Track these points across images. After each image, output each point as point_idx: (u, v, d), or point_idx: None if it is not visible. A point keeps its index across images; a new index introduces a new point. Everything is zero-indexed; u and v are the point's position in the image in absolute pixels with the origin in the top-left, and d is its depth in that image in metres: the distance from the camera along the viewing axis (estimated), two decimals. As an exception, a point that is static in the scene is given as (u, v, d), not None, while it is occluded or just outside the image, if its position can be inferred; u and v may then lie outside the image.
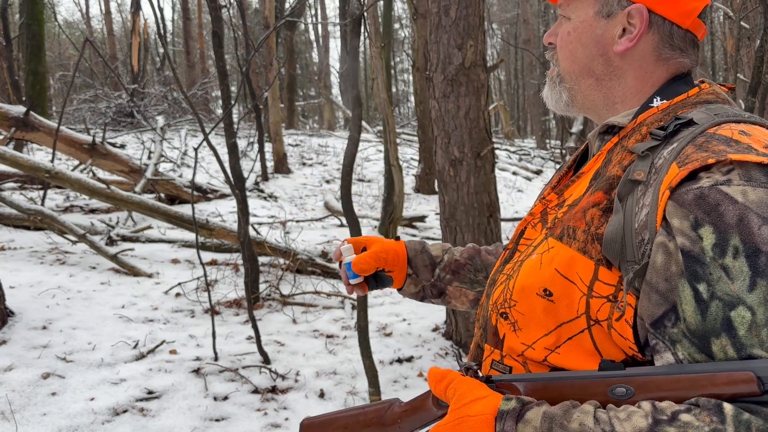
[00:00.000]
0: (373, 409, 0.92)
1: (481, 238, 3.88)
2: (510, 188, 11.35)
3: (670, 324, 0.68)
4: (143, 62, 16.28)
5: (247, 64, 3.91)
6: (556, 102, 0.95)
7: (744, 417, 0.61)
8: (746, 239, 0.65)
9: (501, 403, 0.72)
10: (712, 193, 0.67)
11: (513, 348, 0.87)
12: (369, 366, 3.00)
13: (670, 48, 0.86)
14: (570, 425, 0.66)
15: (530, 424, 0.68)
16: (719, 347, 0.65)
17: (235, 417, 3.02)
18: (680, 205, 0.69)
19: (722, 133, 0.73)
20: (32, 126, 6.53)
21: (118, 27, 27.72)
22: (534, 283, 0.83)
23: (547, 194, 0.95)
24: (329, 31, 25.06)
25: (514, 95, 28.81)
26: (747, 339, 0.64)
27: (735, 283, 0.65)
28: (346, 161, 2.99)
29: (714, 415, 0.61)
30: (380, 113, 7.31)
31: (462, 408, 0.75)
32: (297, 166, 11.63)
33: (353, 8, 3.07)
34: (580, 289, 0.78)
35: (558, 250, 0.81)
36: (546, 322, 0.82)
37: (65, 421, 2.84)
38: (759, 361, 0.63)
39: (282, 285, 4.95)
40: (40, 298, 4.19)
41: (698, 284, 0.66)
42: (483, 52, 3.87)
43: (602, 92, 0.91)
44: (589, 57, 0.89)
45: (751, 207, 0.66)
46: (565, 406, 0.69)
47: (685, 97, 0.85)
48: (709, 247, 0.66)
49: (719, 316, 0.65)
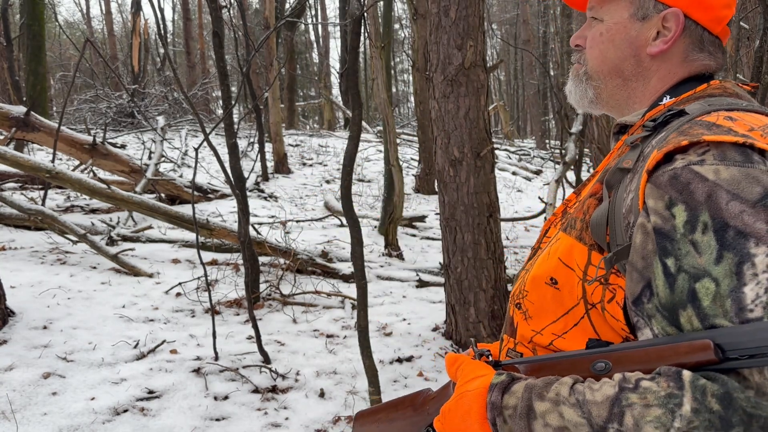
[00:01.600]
0: (409, 397, 1.03)
1: (480, 238, 3.89)
2: (510, 188, 11.36)
3: (647, 300, 0.71)
4: (144, 62, 16.29)
5: (247, 64, 3.92)
6: (581, 98, 0.99)
7: (700, 382, 0.63)
8: (714, 214, 0.67)
9: (493, 378, 0.79)
10: (684, 173, 0.70)
11: (524, 335, 0.92)
12: (369, 366, 3.01)
13: (698, 51, 0.89)
14: (548, 395, 0.71)
15: (514, 395, 0.75)
16: (686, 319, 0.67)
17: (235, 416, 3.03)
18: (657, 186, 0.71)
19: (707, 119, 0.76)
20: (33, 126, 6.53)
21: (119, 27, 27.73)
22: (543, 273, 0.88)
23: (570, 195, 1.01)
24: (329, 31, 25.06)
25: (513, 95, 28.81)
26: (711, 309, 0.66)
27: (702, 256, 0.67)
28: (346, 161, 3.00)
29: (672, 381, 0.64)
30: (380, 113, 7.31)
31: (464, 385, 0.82)
32: (297, 166, 11.64)
33: (353, 8, 3.08)
34: (577, 275, 0.82)
35: (562, 241, 0.86)
36: (554, 309, 0.87)
37: (66, 420, 2.84)
38: (719, 329, 0.64)
39: (282, 285, 4.96)
40: (41, 298, 4.20)
41: (667, 259, 0.69)
42: (483, 53, 3.88)
43: (627, 92, 0.94)
44: (620, 58, 0.92)
45: (721, 184, 0.67)
46: (548, 380, 0.74)
47: (692, 93, 0.87)
48: (681, 224, 0.69)
49: (685, 288, 0.67)
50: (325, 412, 3.12)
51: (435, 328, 4.33)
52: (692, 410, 0.62)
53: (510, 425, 0.73)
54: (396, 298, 5.06)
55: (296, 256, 5.25)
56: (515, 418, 0.73)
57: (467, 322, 3.96)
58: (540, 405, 0.71)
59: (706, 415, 0.61)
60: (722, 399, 0.61)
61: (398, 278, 5.59)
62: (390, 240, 6.43)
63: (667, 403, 0.63)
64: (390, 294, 5.14)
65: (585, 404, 0.68)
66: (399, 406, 1.03)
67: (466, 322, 3.96)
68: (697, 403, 0.62)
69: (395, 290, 5.26)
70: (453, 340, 4.07)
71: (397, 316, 4.59)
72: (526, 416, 0.72)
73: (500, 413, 0.75)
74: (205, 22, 22.46)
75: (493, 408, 0.75)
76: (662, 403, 0.63)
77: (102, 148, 6.95)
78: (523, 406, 0.73)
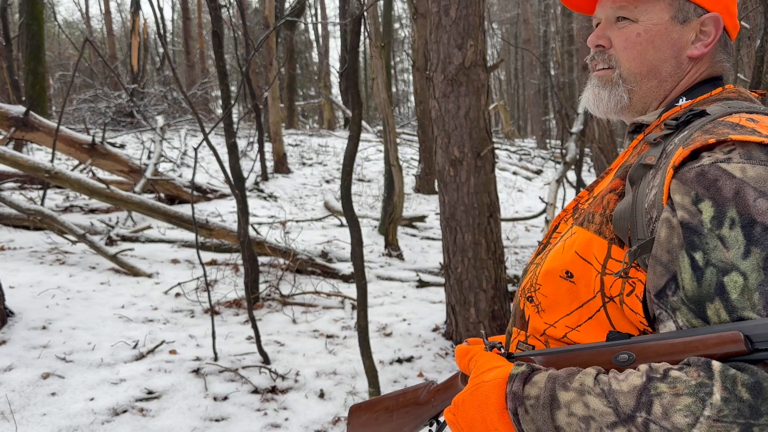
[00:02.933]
0: (411, 390, 1.02)
1: (481, 238, 3.88)
2: (510, 188, 11.35)
3: (671, 293, 0.73)
4: (143, 62, 16.27)
5: (247, 64, 3.91)
6: (615, 104, 0.96)
7: (730, 372, 0.64)
8: (742, 211, 0.69)
9: (512, 368, 0.79)
10: (712, 170, 0.71)
11: (536, 328, 0.93)
12: (369, 366, 3.00)
13: (722, 53, 0.94)
14: (572, 385, 0.72)
15: (536, 385, 0.75)
16: (713, 311, 0.69)
17: (235, 417, 3.02)
18: (683, 183, 0.73)
19: (730, 120, 0.79)
20: (32, 126, 6.52)
21: (118, 27, 27.72)
22: (557, 267, 0.89)
23: (582, 192, 1.02)
24: (329, 31, 25.05)
25: (514, 95, 28.81)
26: (739, 302, 0.67)
27: (730, 251, 0.68)
28: (346, 161, 2.99)
29: (702, 371, 0.65)
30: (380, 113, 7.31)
31: (479, 376, 0.83)
32: (297, 166, 11.63)
33: (353, 8, 3.07)
34: (595, 268, 0.84)
35: (578, 235, 0.88)
36: (569, 302, 0.88)
37: (65, 421, 2.83)
38: (747, 321, 0.66)
39: (282, 285, 4.95)
40: (40, 298, 4.19)
41: (695, 253, 0.70)
42: (483, 52, 3.87)
43: (660, 93, 0.95)
44: (660, 59, 0.93)
45: (748, 182, 0.69)
46: (571, 370, 0.75)
47: (708, 96, 0.91)
48: (708, 219, 0.70)
49: (713, 281, 0.69)
50: (325, 412, 3.11)
51: (435, 328, 4.32)
52: (722, 399, 0.63)
53: (532, 415, 0.74)
54: (396, 298, 5.05)
55: (296, 256, 5.24)
56: (537, 407, 0.73)
57: (467, 323, 3.95)
58: (564, 395, 0.72)
59: (736, 404, 0.62)
60: (752, 388, 0.62)
61: (398, 278, 5.58)
62: (390, 240, 6.42)
63: (698, 392, 0.64)
64: (390, 294, 5.14)
65: (611, 393, 0.69)
66: (399, 398, 1.02)
67: (467, 323, 3.95)
68: (727, 392, 0.63)
69: (395, 290, 5.25)
70: (453, 341, 4.06)
71: (397, 317, 4.58)
72: (549, 405, 0.73)
73: (521, 403, 0.75)
74: (204, 21, 22.45)
75: (514, 398, 0.76)
76: (693, 392, 0.64)
77: (101, 148, 6.94)
78: (546, 395, 0.73)
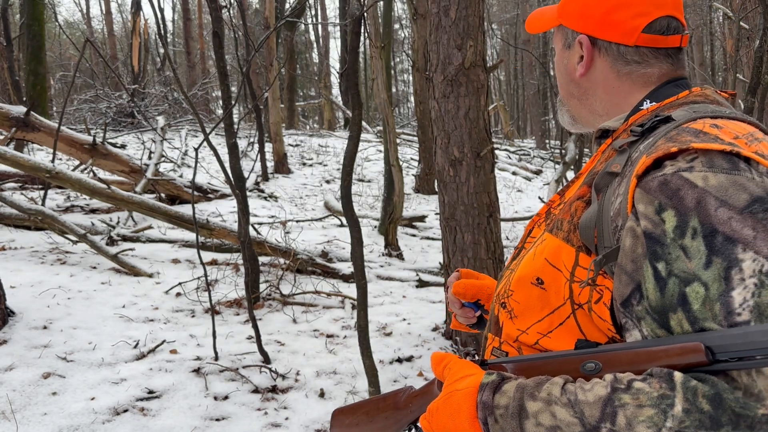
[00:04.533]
0: (390, 395, 1.03)
1: (480, 238, 3.89)
2: (510, 188, 11.36)
3: (636, 302, 0.73)
4: (144, 62, 16.28)
5: (247, 64, 3.92)
6: (564, 123, 1.09)
7: (692, 384, 0.64)
8: (704, 220, 0.69)
9: (483, 377, 0.80)
10: (674, 179, 0.71)
11: (509, 334, 0.95)
12: (369, 366, 3.01)
13: (625, 64, 0.94)
14: (539, 395, 0.73)
15: (506, 394, 0.76)
16: (676, 322, 0.69)
17: (235, 416, 3.03)
18: (646, 192, 0.73)
19: (693, 126, 0.78)
20: (33, 126, 6.53)
21: (119, 27, 27.72)
22: (529, 273, 0.90)
23: (554, 196, 1.04)
24: (329, 31, 25.06)
25: (513, 95, 28.80)
26: (700, 313, 0.67)
27: (692, 261, 0.68)
28: (346, 161, 3.00)
29: (664, 382, 0.66)
30: (380, 113, 7.31)
31: (452, 384, 0.83)
32: (297, 166, 11.64)
33: (353, 8, 3.08)
34: (564, 276, 0.85)
35: (548, 242, 0.89)
36: (540, 309, 0.89)
37: (66, 420, 2.84)
38: (709, 332, 0.66)
39: (282, 285, 4.96)
40: (41, 298, 4.20)
41: (658, 263, 0.71)
42: (483, 53, 3.88)
43: (586, 108, 1.01)
44: (566, 83, 1.02)
45: (710, 191, 0.69)
46: (539, 380, 0.76)
47: (675, 99, 0.91)
48: (671, 229, 0.70)
49: (676, 292, 0.69)
50: (325, 412, 3.12)
51: (435, 328, 4.33)
52: (683, 410, 0.63)
53: (501, 424, 0.75)
54: (396, 298, 5.06)
55: (296, 256, 5.25)
56: (507, 417, 0.74)
57: (467, 322, 3.96)
58: (532, 405, 0.73)
59: (697, 415, 0.63)
60: (712, 399, 0.63)
61: (398, 278, 5.59)
62: (390, 240, 6.43)
63: (660, 404, 0.64)
64: (390, 294, 5.14)
65: (577, 404, 0.69)
66: (379, 403, 1.03)
67: (466, 322, 3.96)
68: (688, 403, 0.63)
69: (395, 290, 5.26)
70: (453, 340, 4.07)
71: (397, 316, 4.59)
72: (517, 416, 0.73)
73: (491, 413, 0.76)
74: (205, 22, 22.46)
75: (484, 407, 0.77)
76: (655, 403, 0.65)
77: (102, 148, 6.95)
78: (515, 405, 0.74)
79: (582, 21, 0.94)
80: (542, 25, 1.04)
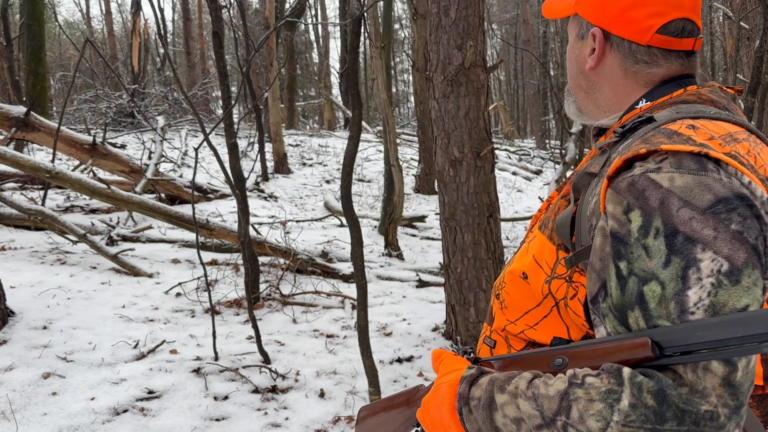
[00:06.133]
0: (405, 393, 1.07)
1: (480, 238, 3.89)
2: (510, 188, 11.36)
3: (602, 299, 0.75)
4: (143, 62, 16.28)
5: (247, 64, 3.91)
6: (570, 113, 1.08)
7: (638, 379, 0.66)
8: (666, 220, 0.70)
9: (464, 371, 0.84)
10: (641, 180, 0.73)
11: (499, 324, 1.00)
12: (369, 366, 3.01)
13: (633, 62, 0.93)
14: (508, 388, 0.77)
15: (480, 387, 0.80)
16: (633, 319, 0.71)
17: (235, 416, 3.03)
18: (616, 192, 0.75)
19: (670, 128, 0.79)
20: (33, 126, 6.53)
21: (119, 27, 27.73)
22: (518, 268, 0.94)
23: (553, 193, 1.05)
24: (329, 31, 25.06)
25: (514, 95, 28.80)
26: (656, 311, 0.69)
27: (652, 260, 0.70)
28: (346, 161, 3.00)
29: (613, 377, 0.68)
30: (380, 113, 7.31)
31: (441, 377, 0.88)
32: (297, 166, 11.64)
33: (353, 8, 3.08)
34: (545, 272, 0.88)
35: (536, 239, 0.92)
36: (526, 302, 0.94)
37: (66, 420, 2.84)
38: (657, 328, 0.68)
39: (282, 285, 4.96)
40: (41, 298, 4.20)
41: (620, 262, 0.73)
42: (483, 53, 3.88)
43: (592, 102, 1.01)
44: (575, 74, 1.02)
45: (674, 191, 0.70)
46: (511, 374, 0.80)
47: (668, 98, 0.90)
48: (636, 228, 0.72)
49: (635, 290, 0.71)
50: (325, 412, 3.12)
51: (435, 328, 4.33)
52: (630, 405, 0.65)
53: (474, 415, 0.79)
54: (396, 298, 5.06)
55: (296, 256, 5.25)
56: (479, 408, 0.78)
57: (467, 322, 3.96)
58: (500, 397, 0.77)
59: (642, 410, 0.65)
60: (656, 395, 0.65)
61: (398, 278, 5.59)
62: (390, 240, 6.42)
63: (607, 398, 0.67)
64: (390, 294, 5.14)
65: (539, 397, 0.72)
66: (395, 400, 1.07)
67: (466, 322, 3.96)
68: (634, 398, 0.65)
69: (395, 290, 5.26)
70: (453, 341, 4.07)
71: (397, 316, 4.59)
72: (488, 407, 0.77)
73: (466, 403, 0.80)
74: (205, 22, 22.46)
75: (460, 398, 0.81)
76: (603, 398, 0.67)
77: (102, 148, 6.95)
78: (486, 397, 0.78)
79: (598, 13, 0.93)
80: (558, 11, 1.03)
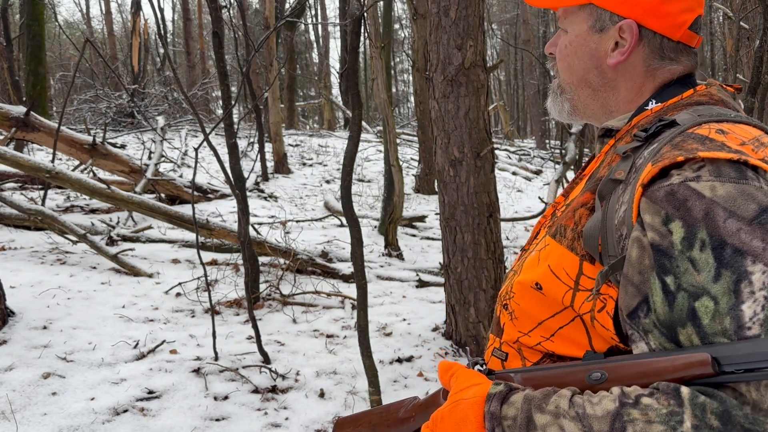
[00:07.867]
0: (394, 406, 1.02)
1: (480, 238, 3.89)
2: (510, 188, 11.36)
3: (643, 315, 0.72)
4: (143, 62, 16.29)
5: (247, 64, 3.91)
6: (560, 112, 1.00)
7: (700, 400, 0.64)
8: (712, 232, 0.67)
9: (490, 387, 0.79)
10: (681, 189, 0.70)
11: (510, 336, 0.94)
12: (369, 366, 3.00)
13: (659, 59, 0.89)
14: (547, 407, 0.72)
15: (513, 405, 0.75)
16: (686, 336, 0.68)
17: (235, 416, 3.03)
18: (652, 202, 0.71)
19: (699, 132, 0.76)
20: (33, 126, 6.53)
21: (119, 27, 27.73)
22: (530, 278, 0.89)
23: (559, 197, 1.01)
24: (329, 31, 25.06)
25: (513, 95, 28.80)
26: (710, 327, 0.66)
27: (701, 274, 0.67)
28: (346, 161, 2.99)
29: (672, 398, 0.65)
30: (380, 113, 7.32)
31: (459, 393, 0.82)
32: (297, 166, 11.64)
33: (353, 8, 3.08)
34: (566, 284, 0.83)
35: (552, 248, 0.87)
36: (541, 313, 0.88)
37: (66, 420, 2.84)
38: (714, 345, 0.66)
39: (282, 285, 4.96)
40: (41, 298, 4.20)
41: (666, 276, 0.69)
42: (483, 53, 3.88)
43: (599, 102, 0.95)
44: (584, 69, 0.93)
45: (718, 201, 0.68)
46: (546, 391, 0.75)
47: (679, 99, 0.87)
48: (678, 240, 0.69)
49: (685, 306, 0.68)
50: (325, 412, 3.12)
51: (435, 328, 4.33)
52: (693, 427, 0.63)
53: None
54: (396, 298, 5.06)
55: (296, 256, 5.25)
56: (515, 428, 0.73)
57: (467, 323, 3.96)
58: (540, 417, 0.72)
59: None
60: (721, 416, 0.63)
61: (398, 278, 5.59)
62: (390, 240, 6.42)
63: (669, 420, 0.64)
64: (390, 294, 5.14)
65: (585, 418, 0.68)
66: (383, 413, 1.02)
67: (466, 323, 3.96)
68: (697, 420, 0.63)
69: (395, 290, 5.26)
70: (453, 341, 4.07)
71: (397, 316, 4.58)
72: (525, 427, 0.73)
73: (499, 423, 0.75)
74: (205, 22, 22.46)
75: (492, 418, 0.76)
76: (664, 420, 0.64)
77: (102, 148, 6.95)
78: (523, 417, 0.73)
79: (630, 4, 0.87)
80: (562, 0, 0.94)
